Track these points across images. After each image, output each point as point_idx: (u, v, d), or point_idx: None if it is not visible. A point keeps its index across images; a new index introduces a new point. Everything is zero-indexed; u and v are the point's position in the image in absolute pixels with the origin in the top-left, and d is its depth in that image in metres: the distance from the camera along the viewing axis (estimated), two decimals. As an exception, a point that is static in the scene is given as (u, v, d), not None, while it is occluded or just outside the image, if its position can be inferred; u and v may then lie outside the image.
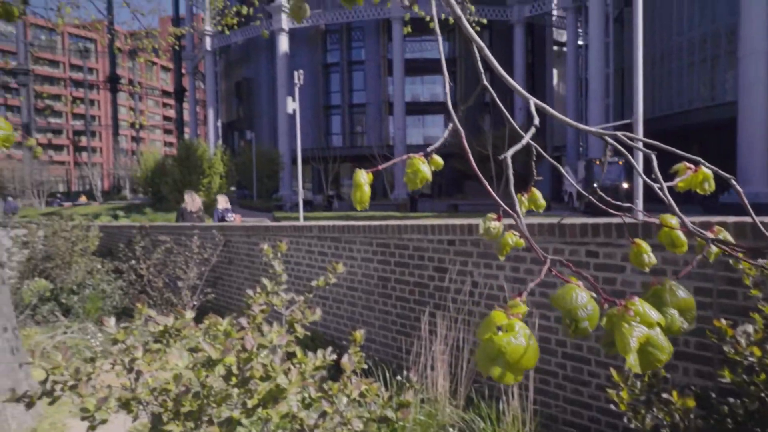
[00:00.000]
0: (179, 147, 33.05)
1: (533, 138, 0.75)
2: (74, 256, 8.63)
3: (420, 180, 0.70)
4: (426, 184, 2.53)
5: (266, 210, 31.94)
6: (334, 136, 44.93)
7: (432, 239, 4.35)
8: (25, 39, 55.76)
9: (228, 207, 11.24)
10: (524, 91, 0.74)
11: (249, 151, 37.95)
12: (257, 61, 45.66)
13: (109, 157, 78.96)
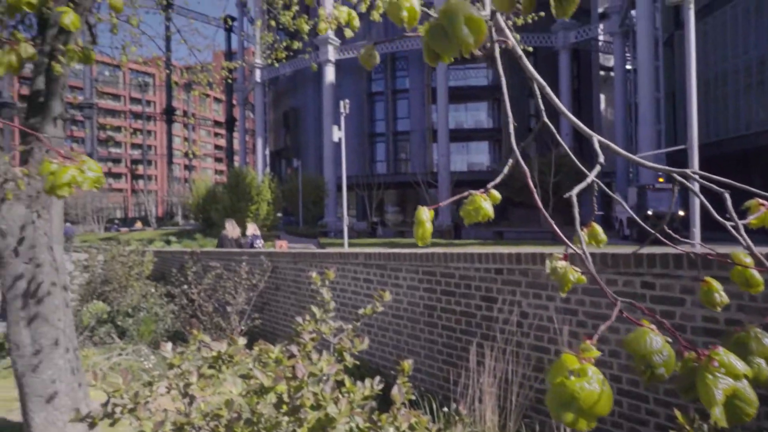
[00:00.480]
0: (229, 175, 34.17)
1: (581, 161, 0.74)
2: (130, 280, 8.98)
3: (482, 217, 0.70)
4: None
5: (311, 236, 32.40)
6: (379, 164, 45.40)
7: (479, 268, 4.30)
8: (91, 75, 59.58)
9: (257, 234, 11.89)
10: (587, 128, 0.74)
11: (295, 178, 38.81)
12: (304, 91, 47.02)
13: (163, 185, 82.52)
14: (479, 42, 0.54)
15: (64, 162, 0.70)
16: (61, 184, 0.71)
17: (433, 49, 0.55)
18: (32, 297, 4.24)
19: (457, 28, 0.51)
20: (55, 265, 4.42)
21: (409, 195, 43.16)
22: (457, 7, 0.52)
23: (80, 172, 0.72)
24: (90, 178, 0.74)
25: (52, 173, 0.71)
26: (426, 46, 0.57)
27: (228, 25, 49.72)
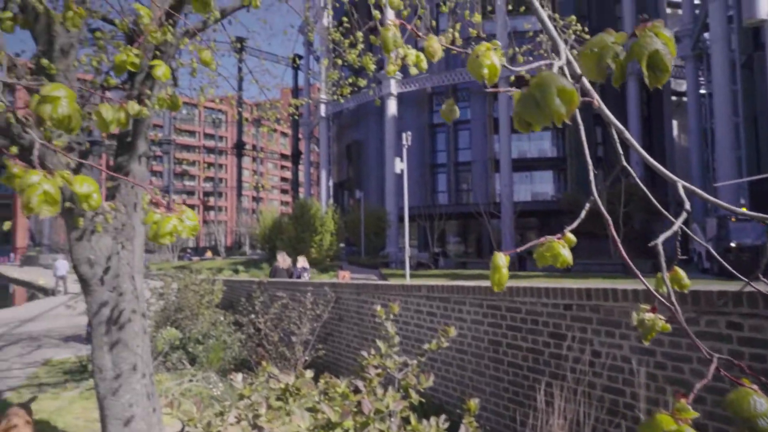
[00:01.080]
0: (294, 206, 35.20)
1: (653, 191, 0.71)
2: (201, 308, 9.35)
3: (560, 264, 0.69)
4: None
5: (373, 267, 32.57)
6: (440, 194, 45.34)
7: (546, 303, 4.16)
8: (170, 114, 63.93)
9: (306, 266, 12.65)
10: (671, 174, 0.72)
11: (358, 209, 39.40)
12: (367, 124, 48.08)
13: (232, 216, 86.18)
14: (571, 112, 0.54)
15: (166, 212, 0.76)
16: (164, 233, 0.77)
17: (524, 118, 0.56)
18: (114, 323, 4.50)
19: (549, 99, 0.52)
20: (136, 294, 4.68)
21: (471, 225, 42.66)
22: (549, 79, 0.53)
23: (180, 221, 0.77)
24: (188, 227, 0.80)
25: (156, 223, 0.77)
26: (517, 114, 0.58)
27: (295, 64, 52.07)
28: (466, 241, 45.83)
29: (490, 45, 0.69)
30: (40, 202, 0.66)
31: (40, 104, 0.67)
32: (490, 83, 0.69)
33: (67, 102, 0.68)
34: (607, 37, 0.55)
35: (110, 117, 0.86)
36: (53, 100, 0.67)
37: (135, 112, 1.04)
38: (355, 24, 5.96)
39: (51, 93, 0.68)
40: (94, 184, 0.76)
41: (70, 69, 4.46)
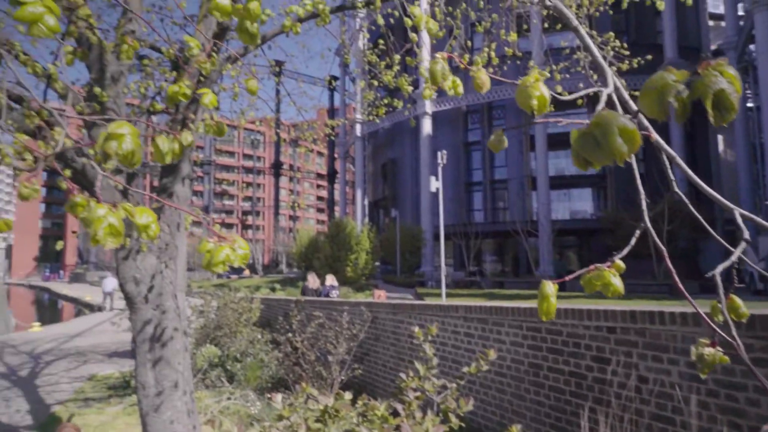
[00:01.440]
0: (330, 225, 35.52)
1: (698, 207, 0.69)
2: (240, 326, 9.49)
3: (611, 294, 0.68)
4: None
5: (409, 286, 32.41)
6: (476, 212, 44.97)
7: (588, 325, 4.04)
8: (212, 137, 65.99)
9: (334, 285, 13.06)
10: (727, 202, 0.69)
11: (393, 228, 39.43)
12: (402, 143, 48.34)
13: (269, 234, 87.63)
14: (633, 151, 0.54)
15: (219, 241, 0.79)
16: (218, 261, 0.79)
17: (583, 156, 0.56)
18: (157, 341, 4.61)
19: (611, 139, 0.52)
20: (178, 312, 4.79)
21: (508, 244, 42.04)
22: (611, 119, 0.53)
23: (233, 250, 0.80)
24: (240, 255, 0.82)
25: (209, 251, 0.80)
26: (576, 152, 0.58)
27: (332, 86, 53.04)
28: (502, 260, 45.16)
29: (538, 75, 0.69)
30: (106, 235, 0.69)
31: (107, 141, 0.72)
32: (539, 114, 0.69)
33: (131, 138, 0.72)
34: (667, 75, 0.54)
35: (166, 148, 0.90)
36: (118, 137, 0.72)
37: (188, 143, 1.08)
38: (390, 46, 6.04)
39: (116, 131, 0.72)
40: (152, 215, 0.79)
41: (120, 95, 4.67)
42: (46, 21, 0.75)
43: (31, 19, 0.73)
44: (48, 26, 0.76)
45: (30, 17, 0.73)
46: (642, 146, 0.85)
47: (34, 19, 0.73)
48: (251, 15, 0.86)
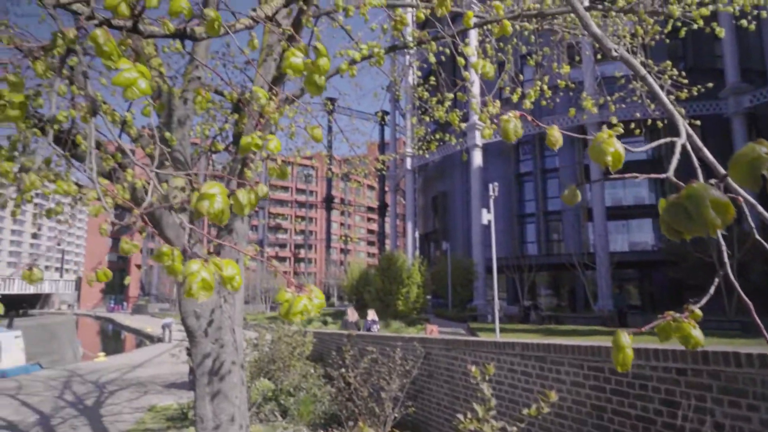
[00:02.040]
0: (381, 258, 35.59)
1: None
2: (293, 359, 9.56)
3: (692, 346, 0.65)
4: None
5: (461, 320, 31.82)
6: (529, 245, 43.96)
7: (655, 366, 3.83)
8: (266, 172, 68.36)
9: (375, 319, 13.31)
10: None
11: (444, 261, 39.07)
12: (452, 175, 48.31)
13: (321, 267, 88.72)
14: (727, 223, 0.53)
15: (296, 292, 0.82)
16: (296, 312, 0.83)
17: (674, 227, 0.56)
18: (216, 374, 4.71)
19: (704, 212, 0.52)
20: (236, 345, 4.90)
21: (564, 277, 40.69)
22: (702, 191, 0.53)
23: (309, 300, 0.83)
24: (316, 305, 0.85)
25: (287, 301, 0.83)
26: (666, 222, 0.58)
27: (383, 121, 54.07)
28: (558, 294, 43.69)
29: (612, 131, 0.69)
30: (199, 289, 0.74)
31: (199, 201, 0.78)
32: (614, 169, 0.69)
33: (221, 198, 0.78)
34: (759, 147, 0.54)
35: (245, 201, 0.96)
36: (210, 197, 0.78)
37: (264, 193, 1.14)
38: (441, 82, 6.14)
39: (208, 191, 0.78)
40: (236, 268, 0.84)
41: (186, 137, 4.94)
42: (139, 85, 0.82)
43: (127, 84, 0.81)
44: (140, 90, 0.83)
45: (126, 82, 0.81)
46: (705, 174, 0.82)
47: (129, 84, 0.81)
48: (320, 70, 0.92)
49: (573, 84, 7.15)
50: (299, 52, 0.90)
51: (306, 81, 0.96)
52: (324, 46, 0.93)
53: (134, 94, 0.83)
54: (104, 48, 0.82)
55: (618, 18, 5.81)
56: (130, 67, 0.81)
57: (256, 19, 1.59)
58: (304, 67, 0.92)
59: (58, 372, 15.44)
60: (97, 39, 0.85)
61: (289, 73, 0.94)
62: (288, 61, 0.92)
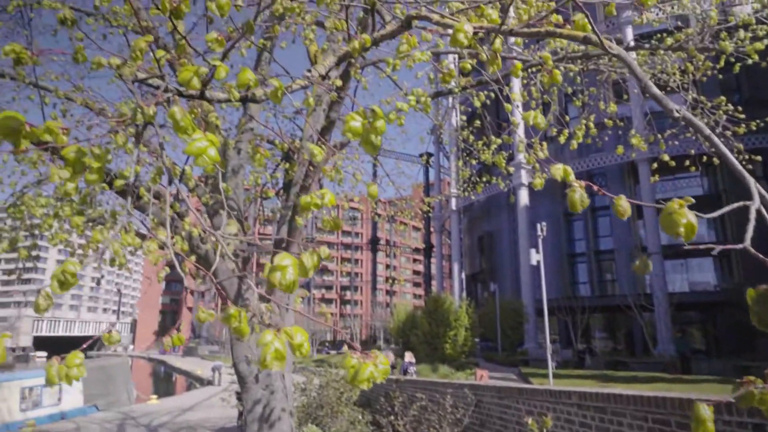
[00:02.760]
0: (428, 300, 35.13)
1: None
2: (341, 405, 9.43)
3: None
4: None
5: (511, 364, 30.73)
6: (581, 285, 42.45)
7: (729, 420, 3.56)
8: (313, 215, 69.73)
9: (412, 361, 13.14)
10: None
11: (492, 302, 38.17)
12: (498, 215, 47.76)
13: (367, 309, 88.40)
14: None
15: (362, 358, 0.83)
16: (362, 379, 0.84)
17: (765, 318, 0.54)
18: (266, 421, 4.71)
19: None
20: (285, 392, 4.90)
21: (619, 319, 38.85)
22: None
23: (375, 366, 0.84)
24: (382, 371, 0.86)
25: (353, 367, 0.84)
26: (756, 313, 0.57)
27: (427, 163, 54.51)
28: (614, 337, 41.65)
29: (683, 201, 0.68)
30: (273, 359, 0.77)
31: (272, 272, 0.81)
32: (687, 240, 0.67)
33: (292, 270, 0.81)
34: None
35: (310, 264, 0.98)
36: (282, 268, 0.81)
37: (326, 255, 1.17)
38: (487, 126, 6.17)
39: (280, 263, 0.81)
40: (305, 335, 0.86)
41: (239, 186, 5.14)
42: (209, 153, 0.88)
43: (198, 153, 0.87)
44: (210, 157, 0.89)
45: (197, 152, 0.87)
46: None
47: (200, 153, 0.87)
48: (377, 131, 0.95)
49: (621, 122, 7.04)
50: (358, 115, 0.94)
51: (363, 141, 1.00)
52: (381, 109, 0.97)
53: (205, 162, 0.89)
54: (181, 124, 0.89)
55: (666, 55, 5.72)
56: (201, 136, 0.86)
57: (311, 80, 1.67)
58: (362, 130, 0.95)
59: (113, 414, 15.79)
60: (175, 116, 0.92)
61: (348, 136, 0.98)
62: (348, 125, 0.96)
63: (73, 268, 0.99)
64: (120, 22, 4.12)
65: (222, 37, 1.28)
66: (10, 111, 2.32)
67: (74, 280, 1.01)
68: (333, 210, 1.89)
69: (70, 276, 1.00)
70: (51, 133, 0.92)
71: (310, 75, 1.65)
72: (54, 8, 4.08)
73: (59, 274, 1.01)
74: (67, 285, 1.03)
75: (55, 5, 4.11)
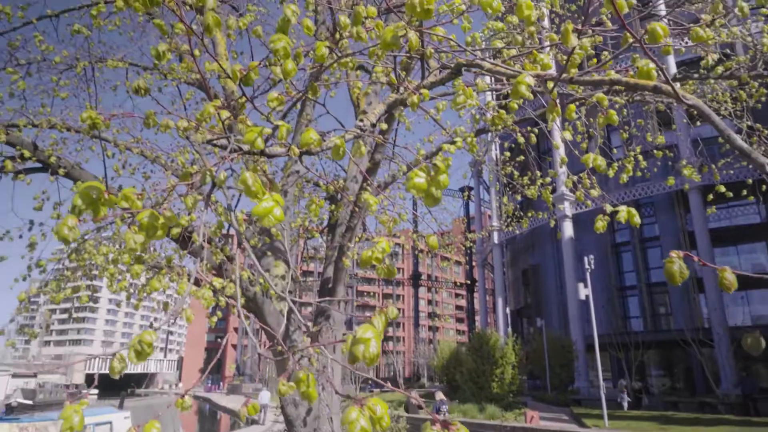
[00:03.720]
0: (473, 337, 34.33)
1: None
2: (387, 448, 9.22)
3: None
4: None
5: (562, 404, 29.45)
6: (633, 320, 40.61)
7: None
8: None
9: (444, 399, 13.33)
10: None
11: (539, 338, 36.96)
12: (542, 248, 46.73)
13: (410, 346, 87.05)
14: None
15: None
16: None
17: None
18: (314, 466, 4.63)
19: None
20: (334, 436, 4.82)
21: (676, 356, 36.80)
22: None
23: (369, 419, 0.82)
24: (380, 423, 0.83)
25: (352, 423, 0.82)
26: None
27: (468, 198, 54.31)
28: (671, 375, 39.41)
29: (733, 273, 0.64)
30: None
31: (355, 344, 0.81)
32: (728, 291, 0.63)
33: (375, 342, 0.81)
34: None
35: (380, 326, 0.98)
36: (365, 341, 0.81)
37: (394, 315, 1.16)
38: (532, 161, 6.11)
39: (363, 335, 0.81)
40: (385, 407, 0.84)
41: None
42: (275, 213, 0.89)
43: (265, 214, 0.88)
44: (276, 217, 0.90)
45: (264, 212, 0.88)
46: None
47: (267, 214, 0.88)
48: (440, 185, 0.95)
49: (670, 153, 6.85)
50: (422, 172, 0.95)
51: (426, 195, 1.00)
52: (443, 164, 0.97)
53: (271, 222, 0.90)
54: (253, 188, 0.92)
55: (717, 83, 5.57)
56: (267, 197, 0.88)
57: (363, 129, 1.70)
58: (426, 185, 0.95)
59: (161, 453, 15.88)
60: (247, 182, 0.95)
61: (413, 192, 0.98)
62: (412, 182, 0.97)
63: (149, 338, 1.02)
64: (175, 76, 4.34)
65: (282, 96, 1.32)
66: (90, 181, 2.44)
67: (150, 350, 1.03)
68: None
69: (147, 346, 1.02)
70: (127, 200, 0.97)
71: (362, 125, 1.68)
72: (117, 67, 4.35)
73: (136, 344, 1.03)
74: (144, 355, 1.06)
75: (117, 64, 4.38)
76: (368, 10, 1.48)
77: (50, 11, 4.92)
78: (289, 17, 1.25)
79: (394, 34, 1.11)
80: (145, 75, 5.30)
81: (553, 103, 1.47)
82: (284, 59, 1.16)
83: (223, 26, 5.67)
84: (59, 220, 4.30)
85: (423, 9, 1.01)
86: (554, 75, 1.38)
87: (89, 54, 4.89)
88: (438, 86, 1.91)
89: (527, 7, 1.19)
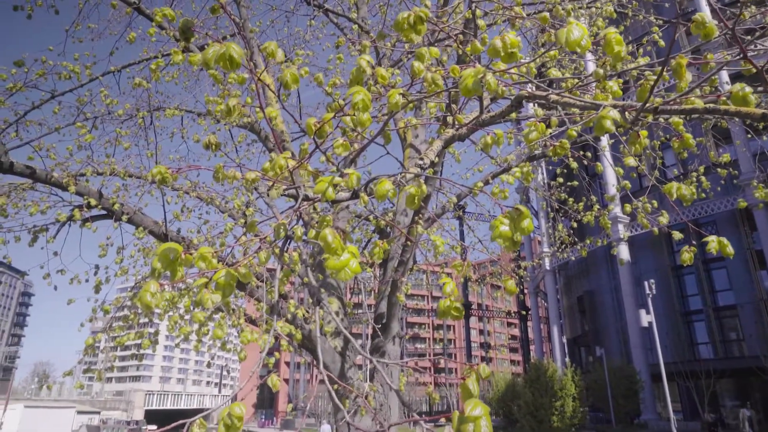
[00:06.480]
0: (530, 368, 33.14)
1: None
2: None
3: None
4: None
5: (629, 438, 27.79)
6: (702, 347, 38.18)
7: None
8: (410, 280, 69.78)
9: None
10: None
11: (600, 368, 35.26)
12: (597, 273, 45.06)
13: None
14: None
15: None
16: None
17: None
18: None
19: None
20: (394, 477, 4.67)
21: (753, 384, 34.21)
22: None
23: None
24: None
25: None
26: None
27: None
28: (750, 405, 36.58)
29: None
30: None
31: (463, 423, 0.77)
32: None
33: (486, 421, 0.76)
34: None
35: (475, 391, 0.92)
36: (475, 419, 0.76)
37: (486, 374, 1.11)
38: (585, 186, 5.92)
39: (472, 413, 0.77)
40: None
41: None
42: (351, 265, 0.86)
43: (341, 268, 0.86)
44: (352, 269, 0.87)
45: (340, 266, 0.86)
46: None
47: (343, 267, 0.86)
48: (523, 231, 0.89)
49: (734, 170, 6.51)
50: (506, 219, 0.90)
51: (510, 243, 0.94)
52: (527, 209, 0.92)
53: (347, 276, 0.88)
54: (332, 246, 0.90)
55: None
56: (345, 252, 0.86)
57: (423, 167, 1.67)
58: (511, 234, 0.91)
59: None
60: (327, 238, 0.93)
61: (499, 242, 0.94)
62: (497, 230, 0.92)
63: (239, 411, 0.99)
64: (228, 120, 4.49)
65: (347, 143, 1.32)
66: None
67: (240, 424, 1.01)
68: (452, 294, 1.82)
69: (237, 420, 1.00)
70: (204, 260, 0.97)
71: (422, 164, 1.65)
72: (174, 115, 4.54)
73: (226, 417, 1.01)
74: (234, 429, 1.03)
75: (174, 113, 4.58)
76: (431, 51, 1.46)
77: (113, 67, 5.24)
78: (364, 68, 1.26)
79: (476, 79, 1.07)
80: (199, 121, 5.51)
81: (635, 135, 1.39)
82: (363, 111, 1.15)
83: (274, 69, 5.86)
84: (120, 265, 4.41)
85: (507, 53, 0.98)
86: (637, 106, 1.31)
87: (148, 104, 5.16)
88: (499, 120, 1.87)
89: (617, 42, 1.14)
